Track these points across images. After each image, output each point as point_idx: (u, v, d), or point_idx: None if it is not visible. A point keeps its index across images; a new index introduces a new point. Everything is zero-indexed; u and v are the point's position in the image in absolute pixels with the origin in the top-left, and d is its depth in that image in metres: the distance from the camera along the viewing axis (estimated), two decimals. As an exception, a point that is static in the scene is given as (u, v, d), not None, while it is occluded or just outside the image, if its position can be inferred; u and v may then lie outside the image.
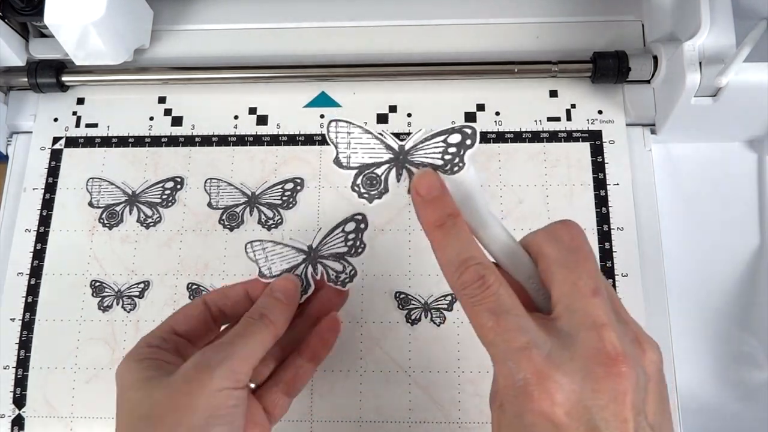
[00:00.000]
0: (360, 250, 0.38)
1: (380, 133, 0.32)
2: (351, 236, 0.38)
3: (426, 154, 0.31)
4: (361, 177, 0.33)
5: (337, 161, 0.33)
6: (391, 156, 0.32)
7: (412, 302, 0.44)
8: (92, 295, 0.46)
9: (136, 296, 0.45)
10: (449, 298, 0.44)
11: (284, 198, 0.47)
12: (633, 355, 0.26)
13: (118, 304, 0.46)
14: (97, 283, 0.46)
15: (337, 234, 0.39)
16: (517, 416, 0.25)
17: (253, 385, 0.35)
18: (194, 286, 0.46)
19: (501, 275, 0.28)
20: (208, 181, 0.48)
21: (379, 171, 0.32)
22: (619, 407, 0.25)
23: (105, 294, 0.46)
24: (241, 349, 0.32)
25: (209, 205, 0.47)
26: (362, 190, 0.33)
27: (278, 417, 0.36)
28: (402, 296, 0.45)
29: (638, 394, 0.25)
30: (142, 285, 0.46)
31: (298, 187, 0.47)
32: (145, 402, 0.31)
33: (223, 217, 0.47)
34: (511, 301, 0.27)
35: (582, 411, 0.25)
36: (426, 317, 0.44)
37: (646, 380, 0.26)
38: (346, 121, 0.33)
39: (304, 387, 0.37)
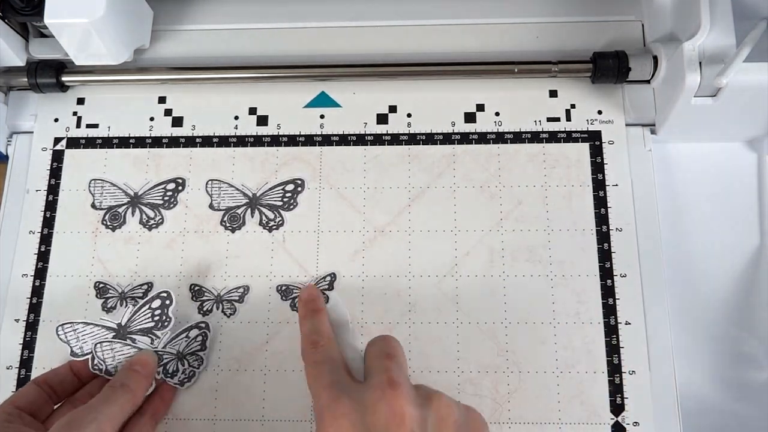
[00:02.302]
0: (166, 323, 0.43)
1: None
2: (157, 312, 0.43)
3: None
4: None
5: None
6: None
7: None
8: (96, 296, 0.46)
9: (139, 297, 0.46)
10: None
11: (285, 199, 0.47)
12: (416, 395, 0.34)
13: (121, 306, 0.46)
14: (101, 285, 0.46)
15: (144, 311, 0.43)
16: None
17: None
18: (196, 288, 0.46)
19: (335, 345, 0.39)
20: (210, 182, 0.48)
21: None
22: (397, 430, 0.31)
23: (109, 295, 0.46)
24: (106, 411, 0.37)
25: (210, 206, 0.48)
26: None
27: None
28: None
29: (421, 427, 0.32)
30: (145, 286, 0.46)
31: (299, 188, 0.47)
32: None
33: (225, 219, 0.47)
34: (331, 357, 0.38)
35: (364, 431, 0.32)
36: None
37: (435, 419, 0.32)
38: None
39: None
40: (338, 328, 0.42)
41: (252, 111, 0.50)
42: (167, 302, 0.43)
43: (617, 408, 0.42)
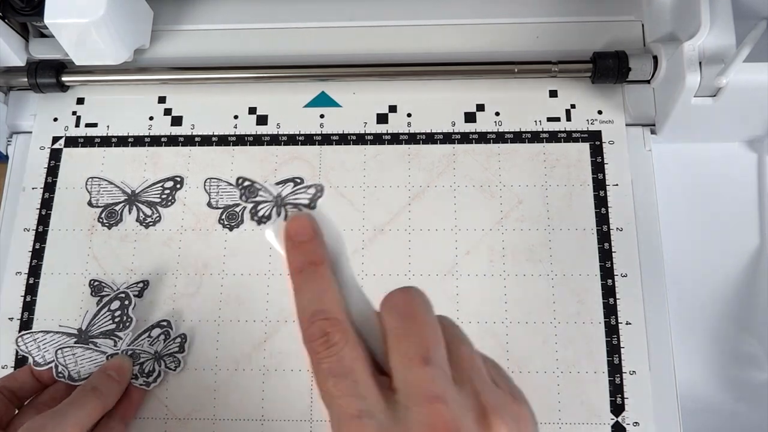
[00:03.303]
0: (128, 323, 0.43)
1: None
2: (117, 313, 0.43)
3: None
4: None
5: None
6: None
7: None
8: (91, 294, 0.46)
9: (135, 296, 0.45)
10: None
11: (284, 198, 0.47)
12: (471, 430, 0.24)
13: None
14: (96, 283, 0.46)
15: (104, 314, 0.43)
16: None
17: None
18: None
19: (350, 334, 0.27)
20: (208, 180, 0.48)
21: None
22: None
23: (104, 293, 0.46)
24: (74, 415, 0.36)
25: (209, 204, 0.47)
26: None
27: None
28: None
29: None
30: (141, 284, 0.46)
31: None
32: None
33: (223, 217, 0.47)
34: (353, 364, 0.26)
35: None
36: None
37: None
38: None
39: None
40: (334, 263, 0.30)
41: (252, 111, 0.50)
42: (126, 302, 0.43)
43: (617, 408, 0.42)
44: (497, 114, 0.48)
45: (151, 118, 0.50)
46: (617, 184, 0.46)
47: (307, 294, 0.28)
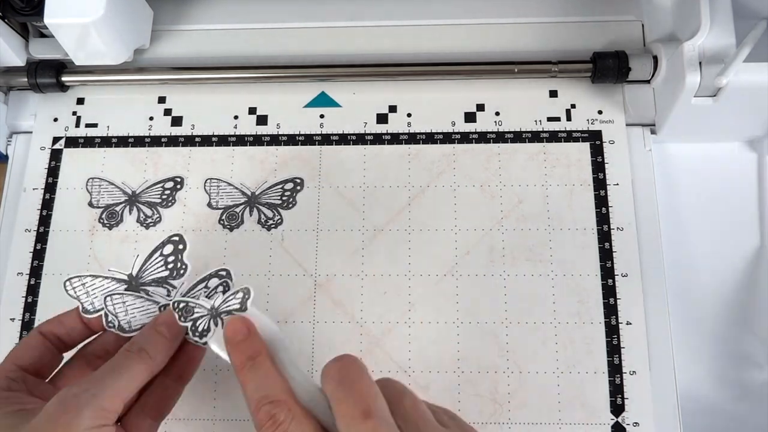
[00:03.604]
0: (182, 271, 0.38)
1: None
2: (170, 258, 0.38)
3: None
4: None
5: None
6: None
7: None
8: (180, 319, 0.45)
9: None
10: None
11: (284, 198, 0.47)
12: None
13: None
14: (183, 305, 0.45)
15: (156, 259, 0.38)
16: None
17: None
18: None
19: (296, 410, 0.29)
20: (208, 181, 0.48)
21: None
22: None
23: (194, 314, 0.45)
24: (112, 384, 0.31)
25: (209, 205, 0.47)
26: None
27: None
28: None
29: None
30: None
31: (298, 187, 0.47)
32: None
33: (223, 217, 0.47)
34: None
35: None
36: None
37: None
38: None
39: (171, 409, 0.36)
40: (274, 353, 0.33)
41: (252, 111, 0.50)
42: (180, 246, 0.39)
43: (617, 408, 0.42)
44: (497, 114, 0.48)
45: (151, 119, 0.50)
46: (617, 184, 0.46)
47: (251, 384, 0.31)
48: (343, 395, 0.28)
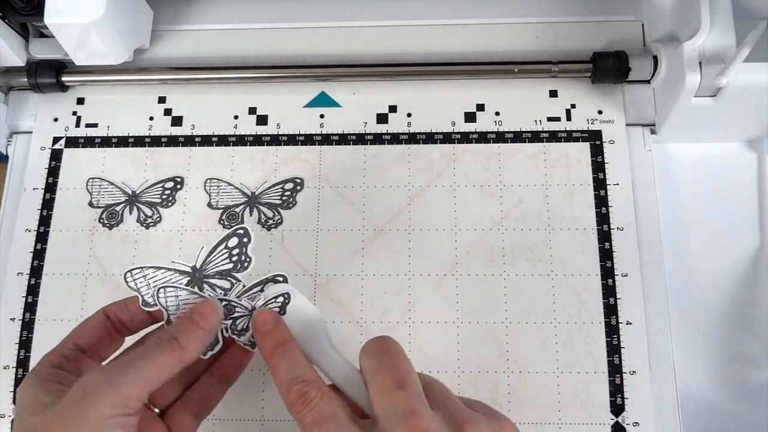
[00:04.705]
0: (246, 264, 0.38)
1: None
2: (235, 251, 0.38)
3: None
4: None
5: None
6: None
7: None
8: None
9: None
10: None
11: (284, 198, 0.47)
12: None
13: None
14: (226, 303, 0.44)
15: (220, 251, 0.38)
16: None
17: (157, 410, 0.35)
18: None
19: (325, 389, 0.31)
20: (208, 181, 0.48)
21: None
22: None
23: (235, 314, 0.45)
24: (136, 373, 0.30)
25: (209, 205, 0.47)
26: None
27: None
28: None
29: None
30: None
31: (298, 187, 0.47)
32: (36, 430, 0.29)
33: (223, 217, 0.47)
34: (332, 410, 0.30)
35: None
36: None
37: None
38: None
39: (213, 409, 0.36)
40: (310, 335, 0.35)
41: (252, 111, 0.50)
42: (245, 240, 0.38)
43: (617, 408, 0.42)
44: (497, 114, 0.48)
45: (151, 119, 0.50)
46: (618, 184, 0.46)
47: (282, 367, 0.32)
48: (380, 367, 0.30)
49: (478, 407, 0.31)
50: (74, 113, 0.51)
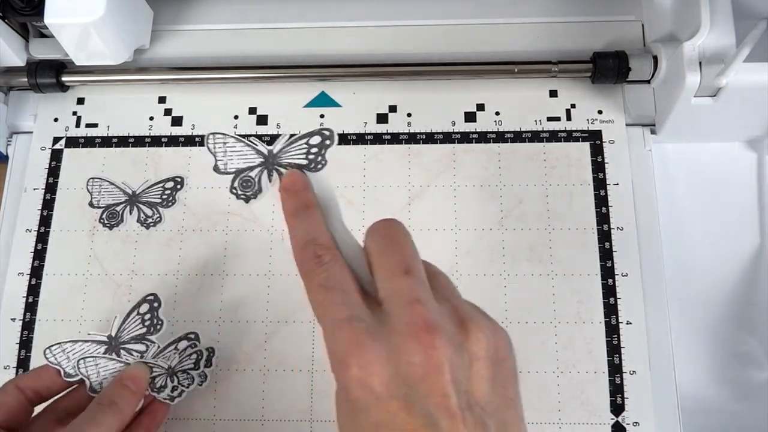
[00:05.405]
0: (159, 327, 0.41)
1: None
2: (147, 316, 0.41)
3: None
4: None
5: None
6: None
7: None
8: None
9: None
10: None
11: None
12: (450, 332, 0.26)
13: (118, 304, 0.45)
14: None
15: (133, 318, 0.41)
16: (344, 388, 0.26)
17: None
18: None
19: (339, 257, 0.30)
20: (212, 136, 0.47)
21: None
22: (436, 380, 0.25)
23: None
24: None
25: (215, 168, 0.46)
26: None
27: None
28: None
29: (458, 371, 0.26)
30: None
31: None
32: None
33: (235, 185, 0.46)
34: (341, 279, 0.29)
35: (399, 382, 0.25)
36: None
37: (469, 359, 0.26)
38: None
39: None
40: (327, 208, 0.34)
41: (252, 111, 0.50)
42: (155, 305, 0.42)
43: (617, 408, 0.42)
44: (497, 114, 0.48)
45: (151, 118, 0.50)
46: (618, 184, 0.46)
47: (301, 228, 0.31)
48: (386, 250, 0.29)
49: (475, 307, 0.31)
50: (74, 113, 0.51)
